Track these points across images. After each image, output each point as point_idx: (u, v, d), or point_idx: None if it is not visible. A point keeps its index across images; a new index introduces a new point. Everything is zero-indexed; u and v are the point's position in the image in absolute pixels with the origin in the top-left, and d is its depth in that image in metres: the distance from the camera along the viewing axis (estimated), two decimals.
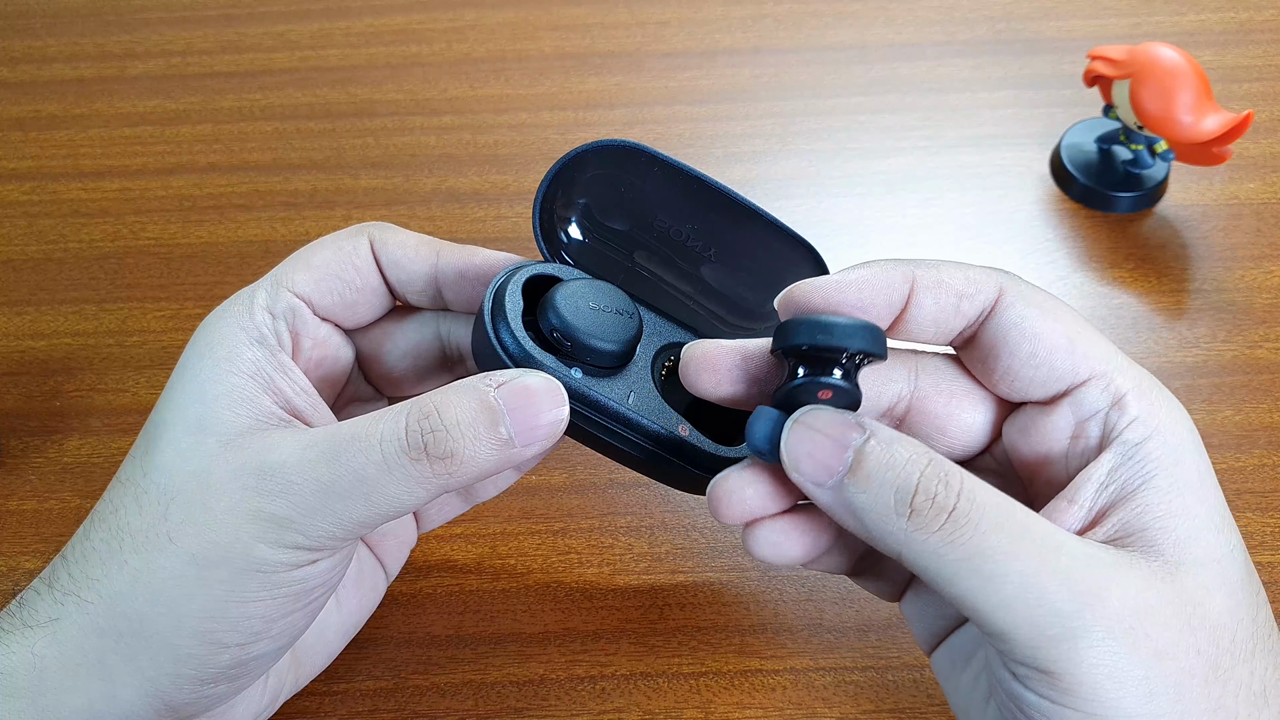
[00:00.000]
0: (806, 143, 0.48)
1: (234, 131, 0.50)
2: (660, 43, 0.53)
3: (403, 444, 0.24)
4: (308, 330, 0.29)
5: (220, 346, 0.27)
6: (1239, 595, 0.23)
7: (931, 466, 0.22)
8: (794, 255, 0.32)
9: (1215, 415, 0.39)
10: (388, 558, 0.33)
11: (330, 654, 0.32)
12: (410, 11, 0.55)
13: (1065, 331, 0.25)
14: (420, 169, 0.48)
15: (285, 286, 0.28)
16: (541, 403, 0.26)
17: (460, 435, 0.25)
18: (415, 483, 0.25)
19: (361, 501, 0.25)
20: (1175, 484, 0.24)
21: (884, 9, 0.54)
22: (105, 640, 0.25)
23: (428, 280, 0.30)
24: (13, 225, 0.46)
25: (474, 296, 0.30)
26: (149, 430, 0.27)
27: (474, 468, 0.25)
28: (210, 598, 0.25)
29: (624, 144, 0.30)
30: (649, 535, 0.36)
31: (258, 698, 0.29)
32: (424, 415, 0.25)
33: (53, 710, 0.25)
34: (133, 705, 0.25)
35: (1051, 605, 0.22)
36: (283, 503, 0.24)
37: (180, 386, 0.27)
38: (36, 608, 0.26)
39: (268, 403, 0.26)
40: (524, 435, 0.25)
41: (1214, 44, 0.51)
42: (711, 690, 0.33)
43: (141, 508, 0.25)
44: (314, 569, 0.26)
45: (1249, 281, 0.43)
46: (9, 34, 0.55)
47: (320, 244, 0.30)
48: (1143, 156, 0.45)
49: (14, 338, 0.42)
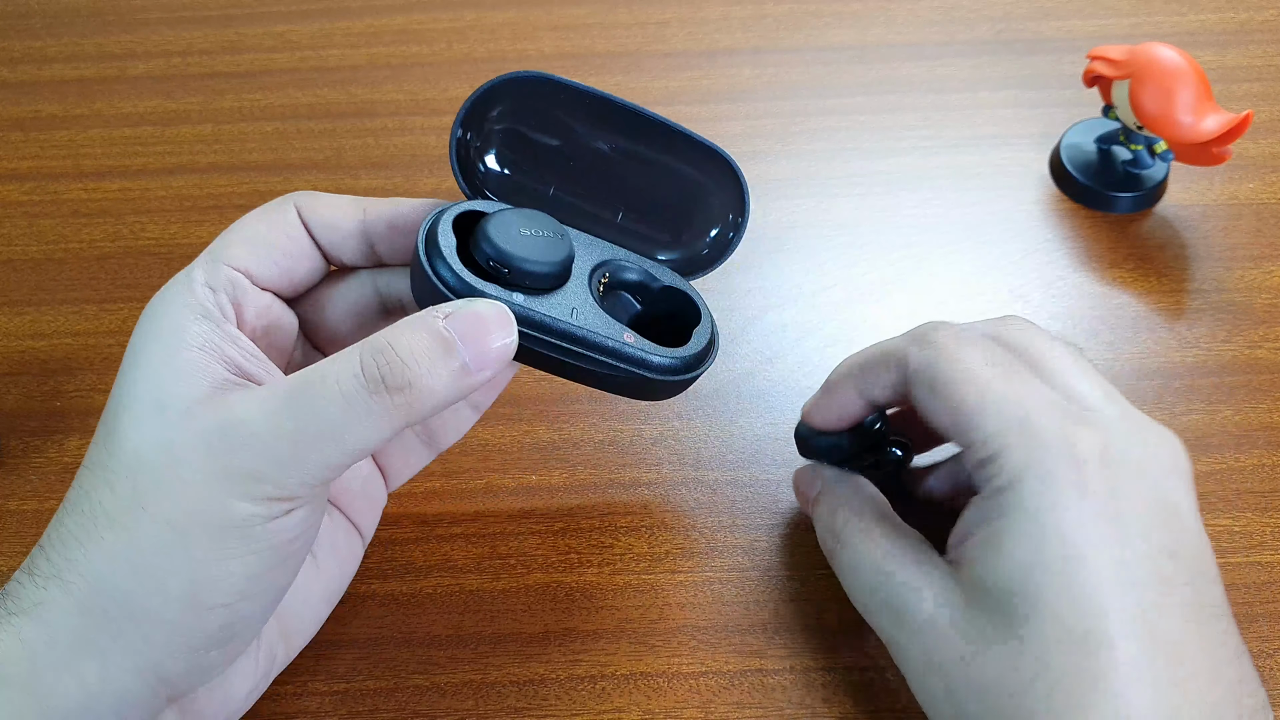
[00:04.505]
0: (806, 143, 0.48)
1: (234, 132, 0.50)
2: (660, 43, 0.53)
3: (360, 380, 0.25)
4: (249, 300, 0.29)
5: (166, 325, 0.27)
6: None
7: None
8: (710, 166, 0.33)
9: (1215, 415, 0.39)
10: (360, 518, 0.34)
11: (317, 619, 0.33)
12: (410, 11, 0.55)
13: (958, 406, 0.28)
14: (421, 169, 0.48)
15: (221, 261, 0.29)
16: (490, 326, 0.26)
17: (416, 364, 0.25)
18: (376, 417, 0.25)
19: (327, 443, 0.25)
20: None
21: (884, 9, 0.54)
22: (92, 619, 0.25)
23: (359, 238, 0.31)
24: (13, 225, 0.46)
25: (405, 246, 0.31)
26: (107, 416, 0.27)
27: (432, 397, 0.26)
28: (191, 561, 0.25)
29: (531, 75, 0.31)
30: (649, 535, 0.36)
31: (251, 669, 0.30)
32: (377, 351, 0.25)
33: (48, 696, 0.25)
34: (127, 683, 0.25)
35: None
36: (249, 455, 0.25)
37: (133, 369, 0.27)
38: (20, 596, 0.26)
39: (220, 370, 0.27)
40: (477, 360, 0.26)
41: (1214, 44, 0.51)
42: (711, 690, 0.33)
43: (112, 487, 0.26)
44: (289, 520, 0.26)
45: (1249, 281, 0.43)
46: (9, 34, 0.55)
47: (249, 217, 0.30)
48: (1142, 156, 0.45)
49: (14, 338, 0.43)
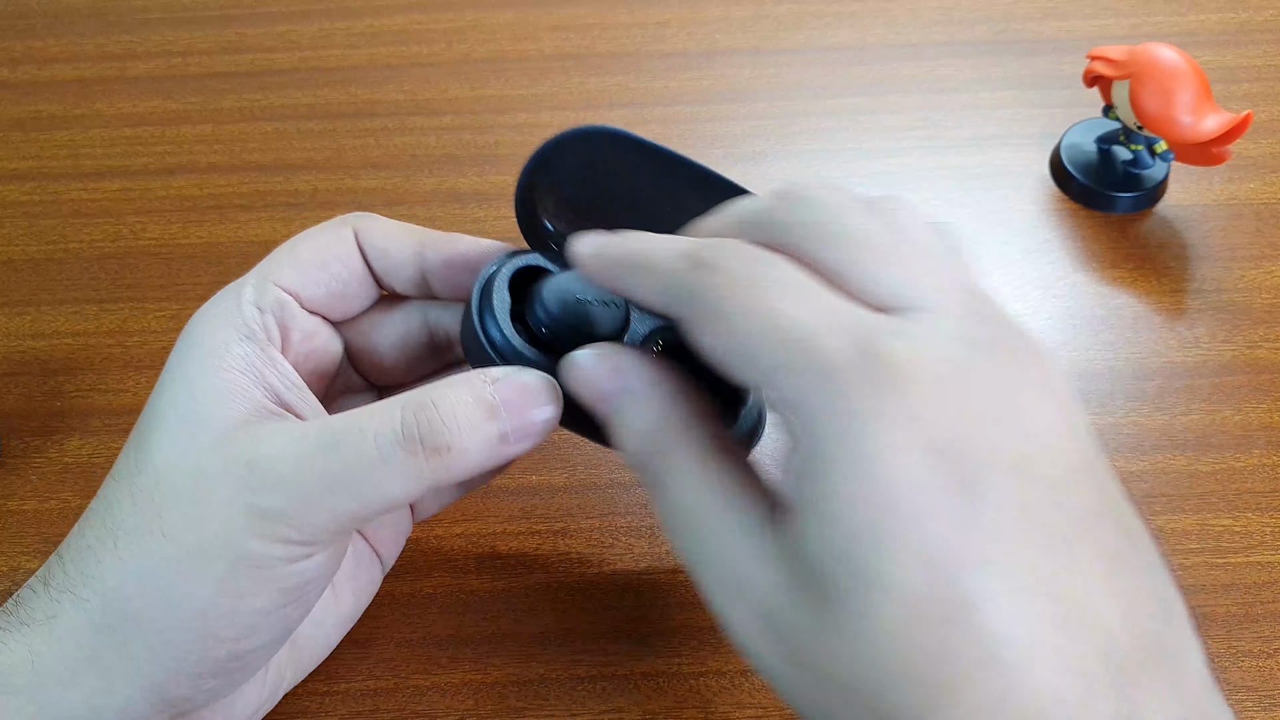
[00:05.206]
0: (806, 143, 0.48)
1: (234, 132, 0.50)
2: (660, 43, 0.53)
3: (398, 436, 0.24)
4: (296, 323, 0.29)
5: (209, 342, 0.27)
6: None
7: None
8: None
9: (1215, 415, 0.39)
10: (384, 548, 0.33)
11: (329, 645, 0.32)
12: (410, 11, 0.55)
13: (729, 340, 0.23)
14: (420, 169, 0.48)
15: (271, 281, 0.28)
16: (536, 399, 0.26)
17: (456, 428, 0.25)
18: (409, 476, 0.25)
19: (354, 494, 0.25)
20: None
21: (884, 9, 0.54)
22: (101, 636, 0.25)
23: (413, 269, 0.30)
24: (13, 225, 0.46)
25: (459, 284, 0.30)
26: (141, 427, 0.27)
27: (467, 462, 0.25)
28: (205, 593, 0.25)
29: (602, 130, 0.30)
30: (649, 535, 0.36)
31: (257, 692, 0.29)
32: (420, 408, 0.25)
33: (52, 706, 0.25)
34: (130, 700, 0.25)
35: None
36: (274, 496, 0.24)
37: (170, 383, 0.27)
38: (33, 606, 0.26)
39: (258, 396, 0.26)
40: (518, 431, 0.26)
41: (1214, 44, 0.51)
42: (711, 690, 0.33)
43: (136, 504, 0.25)
44: (308, 563, 0.26)
45: (1249, 281, 0.43)
46: (9, 34, 0.55)
47: (305, 236, 0.30)
48: (1143, 157, 0.45)
49: (14, 338, 0.43)
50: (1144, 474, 0.37)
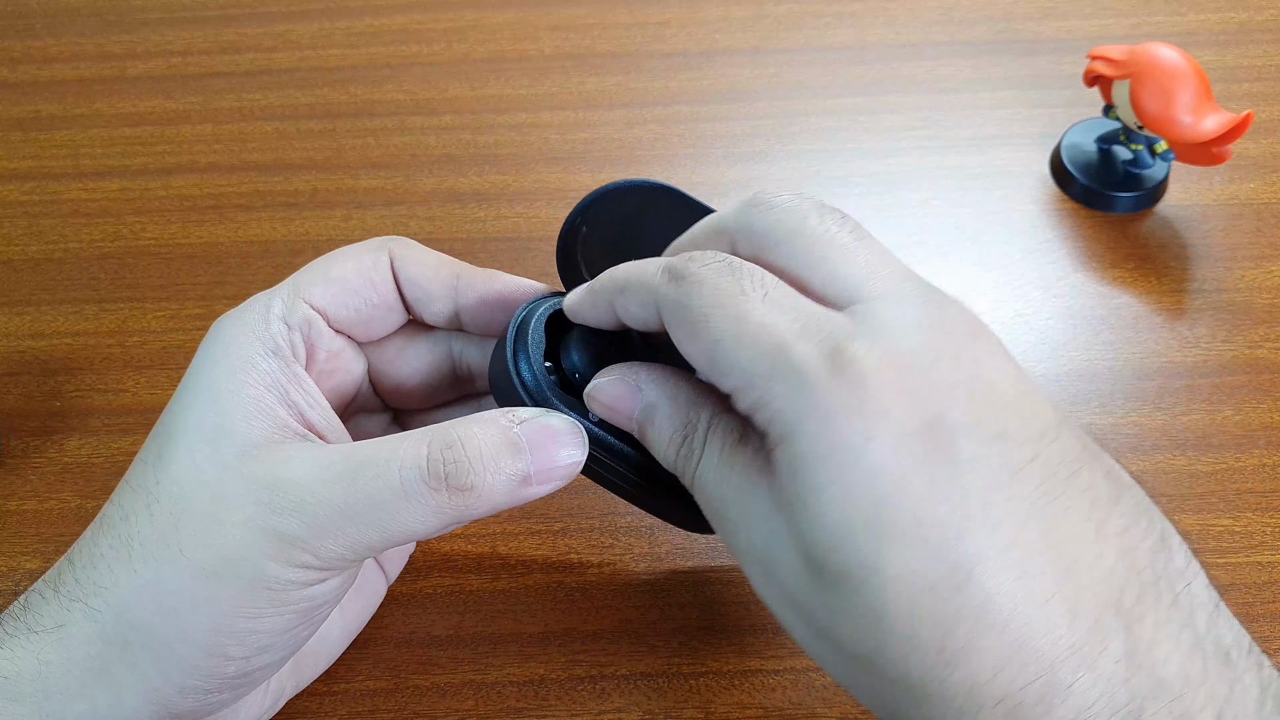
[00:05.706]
0: (806, 143, 0.48)
1: (234, 131, 0.50)
2: (660, 43, 0.53)
3: (423, 472, 0.24)
4: (322, 342, 0.29)
5: (235, 354, 0.27)
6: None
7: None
8: None
9: (1215, 415, 0.39)
10: (388, 563, 0.34)
11: (331, 656, 0.32)
12: (410, 11, 0.55)
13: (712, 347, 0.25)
14: (420, 169, 0.48)
15: (302, 297, 0.28)
16: (562, 444, 0.26)
17: (482, 468, 0.25)
18: (431, 512, 0.25)
19: (375, 526, 0.25)
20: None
21: (884, 9, 0.54)
22: (111, 648, 0.25)
23: (446, 301, 0.30)
24: (13, 225, 0.46)
25: (491, 321, 0.30)
26: (161, 435, 0.26)
27: (490, 501, 0.25)
28: (218, 611, 0.25)
29: (646, 183, 0.30)
30: (649, 535, 0.36)
31: (259, 702, 0.29)
32: (447, 445, 0.25)
33: (57, 716, 0.25)
34: (136, 712, 0.25)
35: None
36: (295, 521, 0.24)
37: (194, 392, 0.26)
38: (42, 612, 0.26)
39: (282, 414, 0.26)
40: (541, 474, 0.26)
41: (1214, 44, 0.51)
42: (711, 690, 0.33)
43: (153, 516, 0.25)
44: (322, 587, 0.26)
45: (1249, 281, 0.43)
46: (9, 34, 0.55)
47: (340, 255, 0.29)
48: (1143, 156, 0.45)
49: (14, 338, 0.42)
50: (1144, 474, 0.37)
